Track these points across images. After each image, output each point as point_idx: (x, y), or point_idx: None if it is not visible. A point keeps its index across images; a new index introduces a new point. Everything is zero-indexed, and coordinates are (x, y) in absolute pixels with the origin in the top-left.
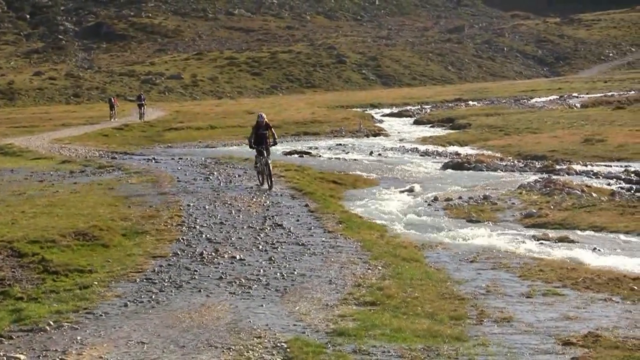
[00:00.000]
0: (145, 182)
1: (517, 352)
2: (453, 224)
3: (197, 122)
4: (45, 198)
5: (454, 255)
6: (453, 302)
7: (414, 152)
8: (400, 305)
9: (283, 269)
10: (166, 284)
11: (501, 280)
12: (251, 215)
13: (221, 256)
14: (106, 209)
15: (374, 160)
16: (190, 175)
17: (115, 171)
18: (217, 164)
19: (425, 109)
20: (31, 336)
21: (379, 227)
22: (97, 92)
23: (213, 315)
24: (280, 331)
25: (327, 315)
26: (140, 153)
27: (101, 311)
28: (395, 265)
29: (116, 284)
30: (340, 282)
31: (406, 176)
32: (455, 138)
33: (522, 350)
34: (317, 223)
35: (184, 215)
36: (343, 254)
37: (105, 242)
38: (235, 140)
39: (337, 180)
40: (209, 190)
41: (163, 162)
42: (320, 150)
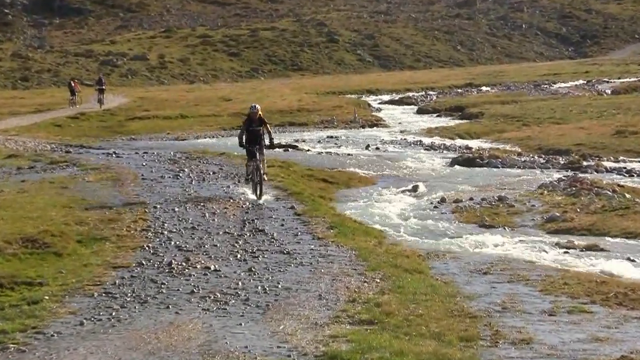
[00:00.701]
0: (105, 180)
1: None
2: (463, 229)
3: (165, 111)
4: None
5: (464, 266)
6: (463, 321)
7: (418, 145)
8: (401, 324)
9: (265, 281)
10: (129, 299)
11: (519, 295)
12: (228, 219)
13: (193, 267)
14: (59, 212)
15: (370, 155)
16: (157, 172)
17: (70, 167)
18: (188, 159)
19: (431, 96)
20: None
21: (376, 233)
22: (48, 75)
23: (183, 336)
24: (261, 354)
25: (316, 335)
26: (99, 146)
27: (53, 331)
28: (396, 278)
29: (70, 299)
30: (332, 297)
31: (408, 174)
32: (465, 129)
33: None
34: (304, 228)
35: (150, 219)
36: (335, 265)
37: (58, 250)
38: (210, 132)
39: (328, 178)
40: (179, 189)
41: (125, 157)
42: (309, 144)
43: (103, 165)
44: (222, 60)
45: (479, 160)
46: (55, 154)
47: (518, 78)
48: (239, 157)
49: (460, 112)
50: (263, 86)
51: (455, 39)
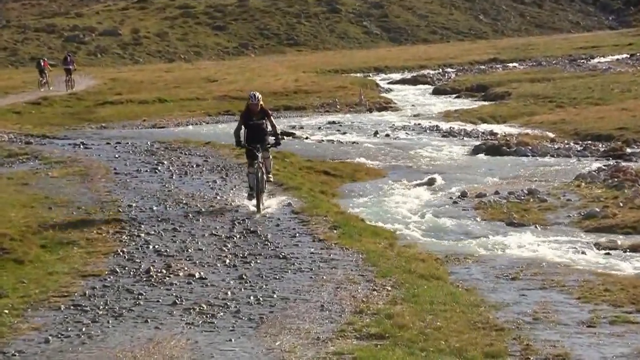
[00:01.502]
0: (72, 175)
1: None
2: (487, 228)
3: (140, 94)
4: None
5: (489, 271)
6: (488, 334)
7: (434, 131)
8: (416, 339)
9: (258, 290)
10: (101, 312)
11: (553, 303)
12: (215, 218)
13: (175, 274)
14: (19, 212)
15: (379, 144)
16: (132, 166)
17: (31, 161)
18: (168, 150)
19: (449, 74)
20: None
21: (387, 234)
22: (4, 54)
23: (165, 354)
24: None
25: (318, 352)
26: (64, 136)
27: (14, 349)
28: (410, 285)
29: (34, 313)
30: (336, 307)
31: (423, 164)
32: (489, 112)
33: None
34: (303, 229)
35: (124, 220)
36: (339, 270)
37: (19, 257)
38: (193, 118)
39: (330, 170)
40: (158, 185)
41: (95, 148)
42: (308, 131)
43: (69, 158)
44: (205, 35)
45: (505, 148)
46: (13, 145)
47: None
48: (227, 146)
49: (483, 92)
50: (254, 64)
51: (477, 7)
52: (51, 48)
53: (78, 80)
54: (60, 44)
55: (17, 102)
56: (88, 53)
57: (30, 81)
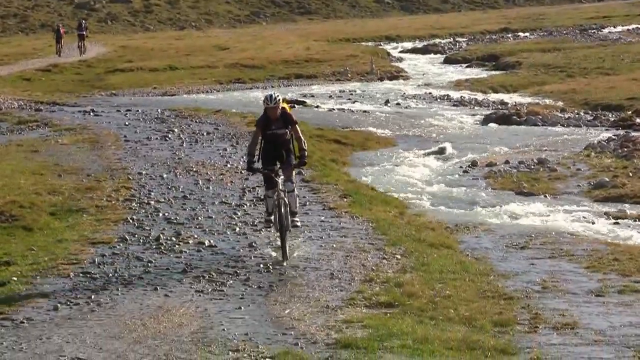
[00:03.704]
0: (81, 142)
1: None
2: (497, 197)
3: (151, 62)
4: None
5: (499, 240)
6: (498, 303)
7: (445, 100)
8: (426, 308)
9: (268, 258)
10: (110, 279)
11: (562, 272)
12: (225, 186)
13: (184, 242)
14: (28, 179)
15: (390, 112)
16: (142, 133)
17: (41, 128)
18: (178, 118)
19: (460, 43)
20: None
21: (397, 202)
22: (15, 21)
23: (174, 322)
24: (264, 342)
25: (327, 320)
26: (74, 103)
27: (22, 317)
28: (420, 254)
29: (43, 280)
30: (346, 276)
31: (434, 133)
32: (500, 82)
33: None
34: (313, 197)
35: (134, 187)
36: (349, 239)
37: (28, 224)
38: (203, 86)
39: (341, 139)
40: (168, 153)
41: (105, 116)
42: (319, 99)
43: (79, 125)
44: (217, 3)
45: (515, 117)
46: (23, 112)
47: (561, 22)
48: (237, 115)
49: (494, 61)
50: (265, 33)
51: None
52: (62, 15)
53: (88, 47)
54: (70, 10)
55: (27, 69)
56: (98, 20)
57: (41, 48)
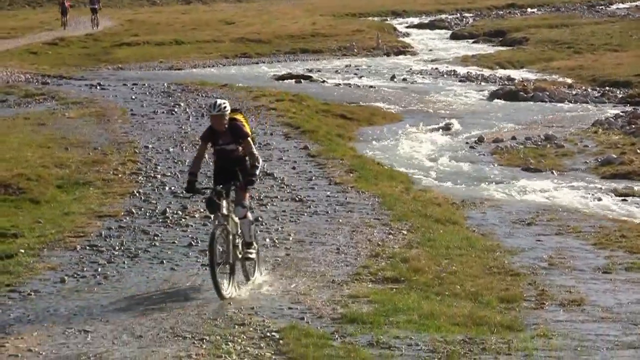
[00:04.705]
0: (88, 115)
1: (591, 346)
2: (504, 173)
3: (157, 36)
4: None
5: (505, 216)
6: (504, 279)
7: (451, 76)
8: (432, 283)
9: (274, 233)
10: (117, 252)
11: (569, 249)
12: None
13: (191, 216)
14: (35, 152)
15: (396, 88)
16: (149, 107)
17: (48, 101)
18: (184, 92)
19: (467, 18)
20: None
21: (403, 178)
22: None
23: (180, 295)
24: (270, 317)
25: (333, 295)
26: (81, 77)
27: (30, 289)
28: (426, 229)
29: (50, 253)
30: (352, 251)
31: (440, 109)
32: (507, 58)
33: (597, 343)
34: (320, 172)
35: (141, 161)
36: (355, 214)
37: (35, 197)
38: (209, 60)
39: (347, 114)
40: (174, 127)
41: (112, 89)
42: (325, 74)
43: (86, 98)
44: None
45: (522, 93)
46: (30, 85)
47: None
48: (243, 89)
49: (501, 37)
50: (271, 7)
51: None
52: None
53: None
54: None
55: (33, 43)
56: None
57: (47, 21)
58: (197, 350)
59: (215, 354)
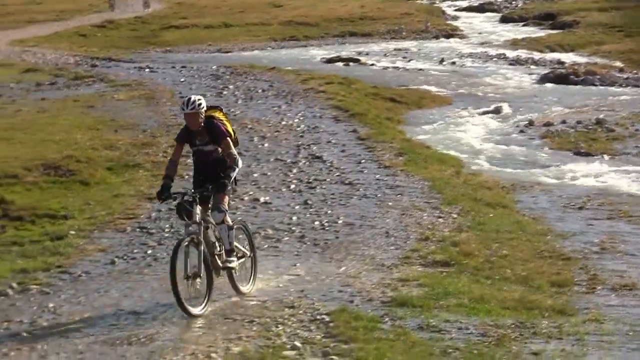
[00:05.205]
0: (137, 98)
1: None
2: (554, 157)
3: (205, 19)
4: (3, 119)
5: (556, 200)
6: (555, 263)
7: (501, 59)
8: (482, 267)
9: (323, 216)
10: (166, 234)
11: (621, 233)
12: (280, 143)
13: (240, 198)
14: (85, 134)
15: (445, 71)
16: (197, 90)
17: (97, 83)
18: (233, 75)
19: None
20: None
21: (453, 161)
22: None
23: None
24: (320, 300)
25: (383, 278)
26: (130, 59)
27: (80, 270)
28: (476, 213)
29: (100, 235)
30: (401, 234)
31: (490, 92)
32: (557, 41)
33: None
34: (369, 155)
35: None
36: (405, 197)
37: (85, 179)
38: (258, 43)
39: (396, 97)
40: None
41: (160, 72)
42: (373, 57)
43: (135, 81)
44: None
45: (573, 76)
46: (79, 68)
47: None
48: (292, 72)
49: (551, 20)
50: None
51: None
52: None
53: (141, 3)
54: None
55: (83, 25)
56: None
57: (96, 4)
58: (246, 332)
59: (265, 336)
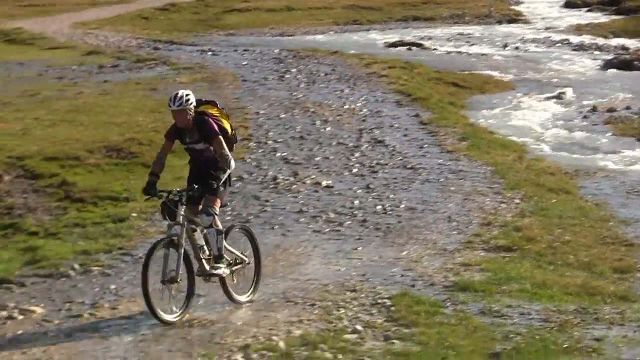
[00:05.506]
0: (199, 81)
1: None
2: (618, 143)
3: (267, 2)
4: (65, 101)
5: (619, 186)
6: (618, 249)
7: (564, 45)
8: (545, 252)
9: (385, 200)
10: (228, 218)
11: None
12: (342, 127)
13: (302, 182)
14: (147, 117)
15: (509, 56)
16: (260, 73)
17: (159, 66)
18: (295, 59)
19: None
20: (50, 283)
21: (516, 147)
22: None
23: (291, 261)
24: (382, 284)
25: (445, 263)
26: (192, 43)
27: (142, 252)
28: (539, 198)
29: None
30: (464, 219)
31: (553, 78)
32: (621, 27)
33: None
34: (431, 139)
35: (252, 127)
36: (467, 182)
37: (146, 161)
38: (320, 27)
39: (459, 82)
40: (285, 93)
41: (222, 55)
42: (436, 42)
43: (197, 64)
44: None
45: (637, 62)
46: (141, 50)
47: None
48: (355, 56)
49: (615, 5)
50: None
51: None
52: None
53: None
54: None
55: (145, 8)
56: None
57: None
58: (308, 315)
59: (326, 319)
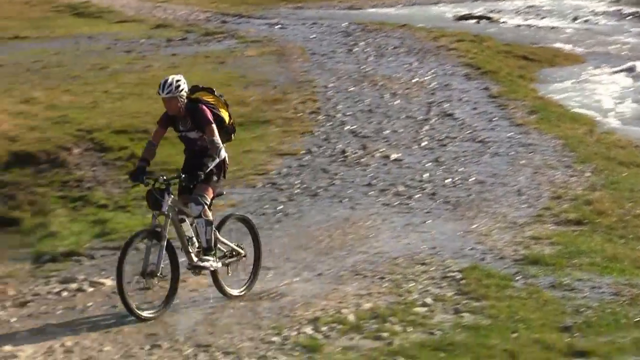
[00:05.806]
0: (268, 54)
1: None
2: None
3: None
4: (134, 74)
5: None
6: None
7: (636, 18)
8: (615, 226)
9: (455, 173)
10: (297, 190)
11: None
12: (411, 100)
13: (370, 155)
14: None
15: (579, 29)
16: (328, 47)
17: (227, 39)
18: (364, 32)
19: None
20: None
21: (586, 120)
22: None
23: (360, 234)
24: (451, 257)
25: (515, 236)
26: (260, 16)
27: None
28: (609, 172)
29: (231, 190)
30: (534, 192)
31: (624, 51)
32: None
33: None
34: (501, 113)
35: (320, 100)
36: (537, 155)
37: None
38: (388, 1)
39: (529, 55)
40: (353, 66)
41: (291, 28)
42: (505, 14)
43: (265, 37)
44: None
45: None
46: (210, 24)
47: None
48: (423, 29)
49: None
50: None
51: None
52: None
53: None
54: None
55: None
56: None
57: None
58: (377, 288)
59: (395, 292)
